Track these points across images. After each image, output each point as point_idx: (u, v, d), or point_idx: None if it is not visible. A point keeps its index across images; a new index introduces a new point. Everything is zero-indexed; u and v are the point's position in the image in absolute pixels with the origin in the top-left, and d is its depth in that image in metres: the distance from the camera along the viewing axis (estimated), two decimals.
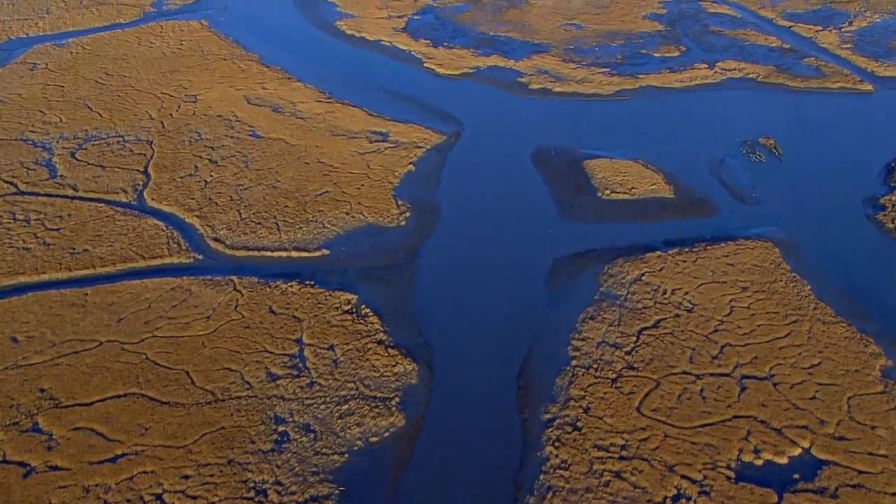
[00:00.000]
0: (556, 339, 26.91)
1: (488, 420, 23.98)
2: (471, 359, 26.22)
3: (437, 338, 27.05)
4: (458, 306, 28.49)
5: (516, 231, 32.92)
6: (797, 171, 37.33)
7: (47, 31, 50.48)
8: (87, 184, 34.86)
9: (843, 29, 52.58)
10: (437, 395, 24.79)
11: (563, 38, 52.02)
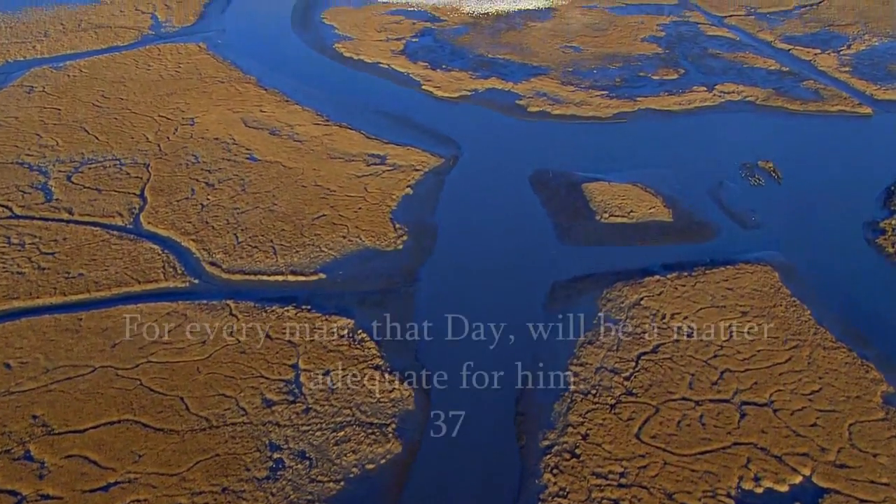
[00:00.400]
0: (554, 363, 26.89)
1: (486, 446, 23.91)
2: (468, 384, 26.16)
3: (435, 362, 27.02)
4: (456, 330, 28.48)
5: (514, 254, 32.97)
6: (796, 194, 37.47)
7: (45, 54, 50.83)
8: (83, 207, 34.98)
9: (842, 52, 52.99)
10: (434, 421, 24.74)
11: (562, 60, 52.40)
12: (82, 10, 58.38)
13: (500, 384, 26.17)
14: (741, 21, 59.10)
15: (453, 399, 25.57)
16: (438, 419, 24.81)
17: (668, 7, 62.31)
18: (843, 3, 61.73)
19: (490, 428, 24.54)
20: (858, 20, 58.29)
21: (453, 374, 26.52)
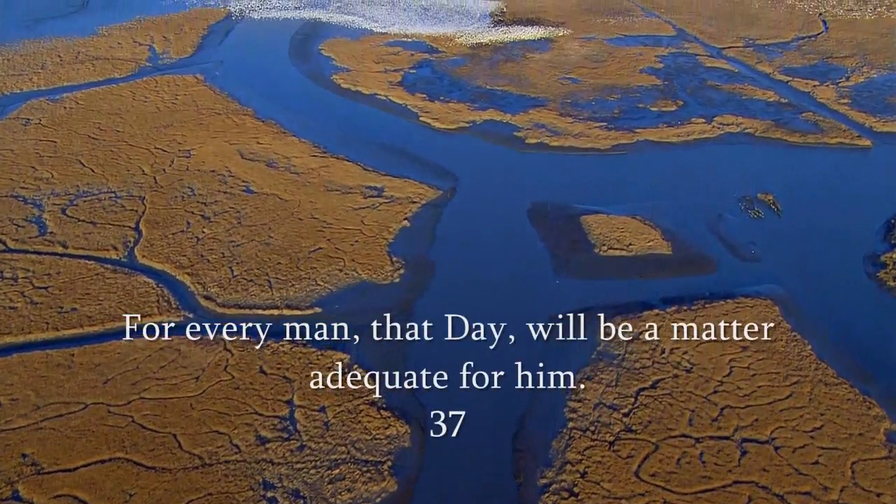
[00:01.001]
0: (552, 399, 26.85)
1: (483, 484, 23.80)
2: (465, 420, 26.10)
3: (431, 398, 26.99)
4: (453, 365, 28.46)
5: (512, 288, 33.05)
6: (796, 227, 37.66)
7: (42, 86, 51.28)
8: (77, 241, 35.12)
9: (841, 84, 53.53)
10: (431, 458, 24.66)
11: (560, 91, 52.89)
12: (80, 42, 58.95)
13: (498, 419, 26.12)
14: (740, 53, 59.73)
15: (450, 434, 25.51)
16: (434, 456, 24.74)
17: (667, 39, 63.00)
18: (841, 35, 62.42)
19: (487, 464, 24.46)
20: (857, 52, 58.95)
21: (450, 409, 26.49)
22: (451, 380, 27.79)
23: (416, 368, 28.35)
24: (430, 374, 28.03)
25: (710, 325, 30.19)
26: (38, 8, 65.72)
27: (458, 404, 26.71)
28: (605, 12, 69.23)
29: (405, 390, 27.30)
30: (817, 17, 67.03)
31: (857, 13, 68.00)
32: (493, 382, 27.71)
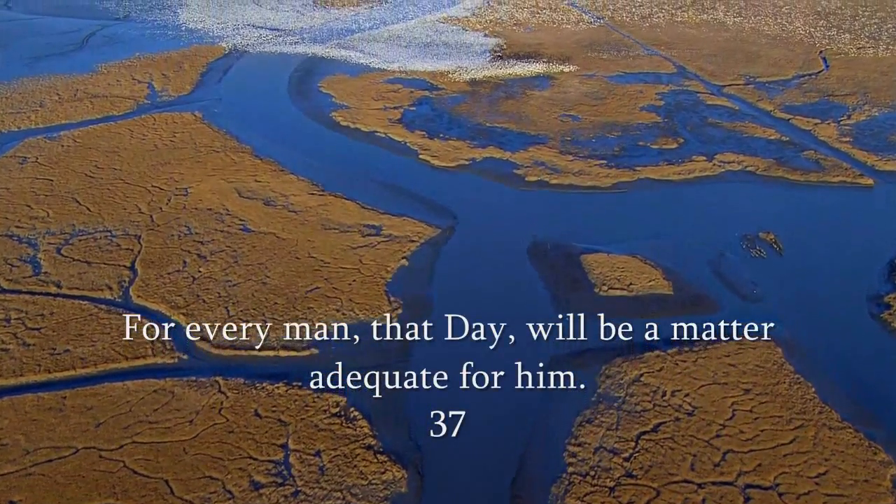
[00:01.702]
0: (551, 443, 26.74)
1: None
2: (463, 464, 25.99)
3: (429, 442, 26.89)
4: (451, 408, 28.39)
5: (511, 328, 33.05)
6: (798, 266, 37.75)
7: (40, 124, 51.77)
8: (72, 281, 35.24)
9: (842, 122, 53.99)
10: (428, 502, 24.55)
11: (561, 129, 53.32)
12: (79, 79, 59.63)
13: (496, 464, 26.00)
14: (740, 90, 60.34)
15: (447, 480, 25.38)
16: (432, 501, 24.58)
17: (667, 76, 63.67)
18: (842, 73, 63.09)
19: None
20: (858, 90, 59.53)
21: (448, 454, 26.37)
22: (450, 422, 27.72)
23: (414, 411, 28.29)
24: (427, 417, 27.97)
25: (712, 367, 30.16)
26: (38, 46, 66.47)
27: (455, 446, 26.63)
28: (606, 49, 70.05)
29: (402, 434, 27.21)
30: (818, 55, 67.78)
31: (858, 51, 68.73)
32: (491, 423, 27.62)
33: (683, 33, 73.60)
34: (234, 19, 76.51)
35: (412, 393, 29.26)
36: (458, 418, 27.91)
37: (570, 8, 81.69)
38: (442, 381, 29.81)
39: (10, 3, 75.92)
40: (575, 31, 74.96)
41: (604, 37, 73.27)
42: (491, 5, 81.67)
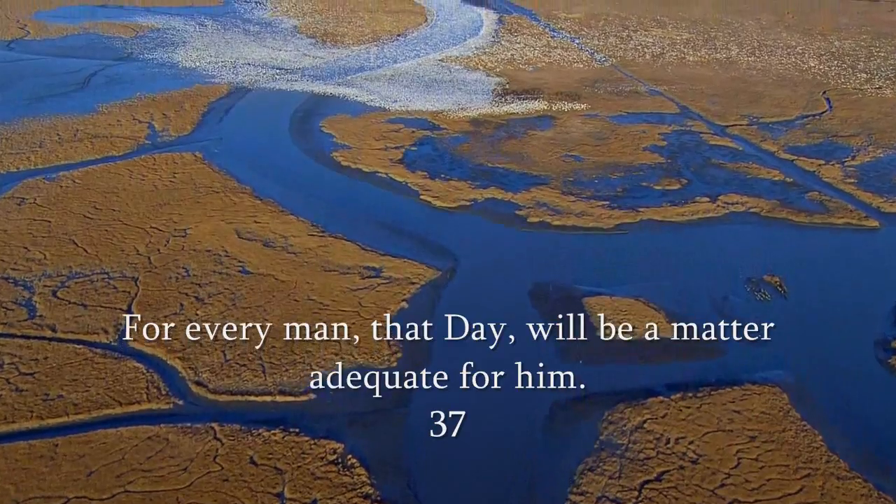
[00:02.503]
0: (553, 492, 26.51)
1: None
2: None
3: (427, 490, 26.68)
4: (450, 455, 28.22)
5: (511, 372, 32.97)
6: (804, 310, 37.70)
7: (39, 164, 52.16)
8: (67, 324, 35.24)
9: (847, 163, 54.25)
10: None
11: (563, 169, 53.61)
12: (79, 119, 60.22)
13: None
14: (744, 131, 60.76)
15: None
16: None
17: (670, 116, 64.18)
18: (846, 114, 63.56)
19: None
20: (862, 131, 59.91)
21: (448, 496, 26.18)
22: (449, 469, 27.51)
23: (412, 458, 28.12)
24: (426, 465, 27.79)
25: (717, 413, 29.98)
26: (39, 86, 67.25)
27: (456, 495, 26.41)
28: (609, 89, 70.69)
29: (401, 482, 27.01)
30: (821, 95, 68.33)
31: (861, 92, 69.29)
32: (491, 470, 27.42)
33: (686, 73, 74.34)
34: (237, 58, 77.47)
35: (411, 440, 29.08)
36: (458, 462, 27.74)
37: (575, 47, 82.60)
38: (442, 428, 29.63)
39: (13, 44, 76.85)
40: (578, 71, 75.75)
41: (607, 76, 74.01)
42: (494, 45, 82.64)
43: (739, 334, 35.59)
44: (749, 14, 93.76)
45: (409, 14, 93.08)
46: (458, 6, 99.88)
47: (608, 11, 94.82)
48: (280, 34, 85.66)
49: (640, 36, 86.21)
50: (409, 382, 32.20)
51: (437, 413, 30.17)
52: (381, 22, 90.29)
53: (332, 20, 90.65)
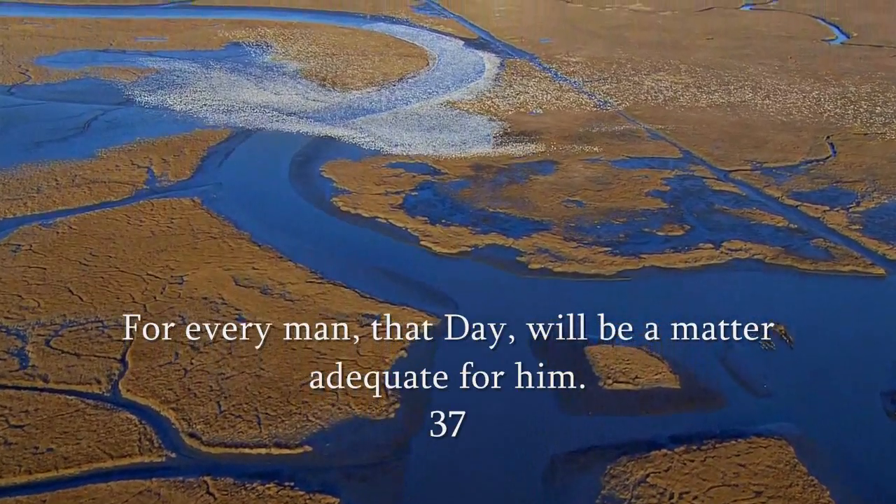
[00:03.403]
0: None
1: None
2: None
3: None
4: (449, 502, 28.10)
5: (511, 424, 32.81)
6: (810, 360, 37.55)
7: (36, 210, 52.41)
8: (60, 374, 35.15)
9: (851, 209, 54.36)
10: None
11: (564, 215, 53.76)
12: (77, 164, 60.64)
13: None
14: (747, 176, 61.01)
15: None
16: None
17: (673, 161, 64.50)
18: (850, 159, 63.89)
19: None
20: (866, 177, 60.14)
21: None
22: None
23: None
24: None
25: (722, 467, 29.71)
26: (39, 131, 67.87)
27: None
28: (610, 133, 71.20)
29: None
30: (825, 140, 68.73)
31: (865, 138, 69.73)
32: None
33: (689, 117, 74.95)
34: (238, 102, 78.29)
35: (410, 494, 28.84)
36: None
37: (576, 91, 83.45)
38: (441, 480, 29.46)
39: (14, 89, 77.81)
40: (580, 115, 76.40)
41: (609, 120, 74.62)
42: (497, 88, 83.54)
43: (744, 384, 35.38)
44: (752, 59, 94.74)
45: (412, 58, 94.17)
46: (460, 50, 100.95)
47: (610, 55, 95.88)
48: (282, 78, 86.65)
49: (643, 80, 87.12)
50: (407, 434, 32.02)
51: (439, 468, 30.00)
52: (383, 65, 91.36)
53: (335, 64, 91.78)
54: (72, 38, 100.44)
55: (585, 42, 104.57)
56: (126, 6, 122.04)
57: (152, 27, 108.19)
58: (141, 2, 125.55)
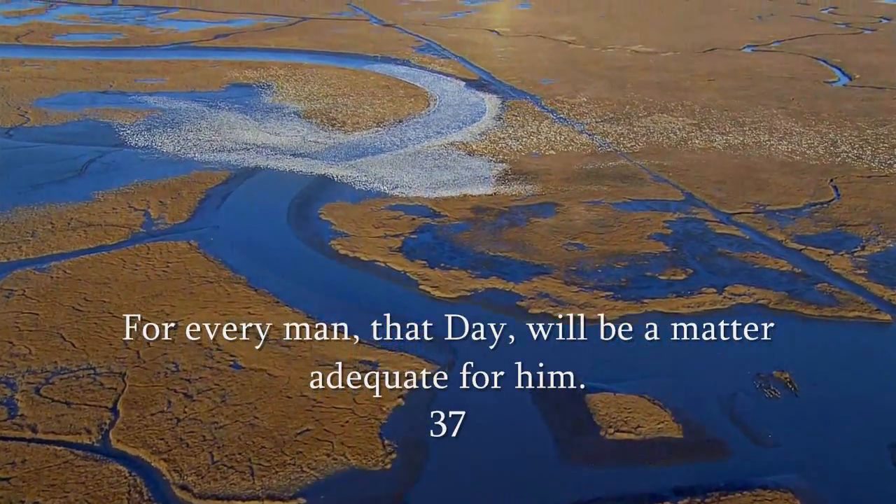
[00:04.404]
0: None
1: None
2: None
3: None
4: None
5: (512, 475, 32.47)
6: (816, 409, 37.23)
7: (30, 255, 52.39)
8: (49, 423, 34.87)
9: (856, 253, 54.26)
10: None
11: (565, 259, 53.68)
12: (74, 207, 60.75)
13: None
14: (750, 219, 61.01)
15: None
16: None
17: (675, 203, 64.56)
18: (854, 202, 63.91)
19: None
20: (871, 221, 60.10)
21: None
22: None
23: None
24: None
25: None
26: (36, 174, 68.10)
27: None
28: (612, 175, 71.37)
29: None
30: (828, 182, 68.86)
31: (869, 181, 69.89)
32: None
33: (691, 159, 75.22)
34: (238, 143, 78.68)
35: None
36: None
37: (578, 132, 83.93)
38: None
39: (12, 131, 78.38)
40: (581, 156, 76.68)
41: (610, 162, 74.88)
42: (498, 130, 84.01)
43: (749, 434, 35.03)
44: (754, 101, 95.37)
45: (413, 98, 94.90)
46: (461, 90, 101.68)
47: (612, 96, 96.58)
48: (282, 118, 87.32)
49: (644, 121, 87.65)
50: (404, 486, 31.69)
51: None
52: (384, 107, 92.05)
53: (336, 105, 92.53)
54: (72, 79, 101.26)
55: (587, 83, 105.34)
56: (127, 48, 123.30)
57: (153, 68, 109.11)
58: (142, 43, 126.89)
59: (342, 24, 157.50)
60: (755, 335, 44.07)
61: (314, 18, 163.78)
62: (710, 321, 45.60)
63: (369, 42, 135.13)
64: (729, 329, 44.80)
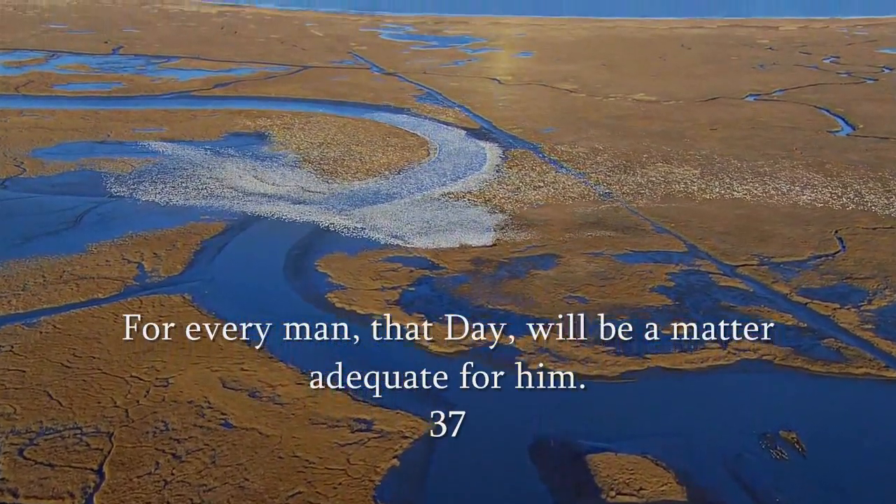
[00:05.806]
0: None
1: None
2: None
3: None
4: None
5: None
6: (824, 471, 36.62)
7: (20, 309, 52.13)
8: (31, 488, 34.28)
9: (863, 308, 53.87)
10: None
11: (566, 312, 53.30)
12: (66, 260, 60.60)
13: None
14: (754, 271, 60.77)
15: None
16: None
17: (677, 255, 64.39)
18: (860, 255, 63.70)
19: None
20: (877, 273, 59.83)
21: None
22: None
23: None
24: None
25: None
26: (29, 225, 68.13)
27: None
28: (613, 226, 71.31)
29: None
30: (833, 234, 68.72)
31: (875, 232, 69.76)
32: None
33: (694, 210, 75.24)
34: (235, 193, 78.90)
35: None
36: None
37: (579, 182, 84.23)
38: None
39: (7, 182, 78.77)
40: (582, 207, 76.77)
41: (612, 213, 74.90)
42: (498, 180, 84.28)
43: (755, 497, 34.38)
44: (757, 150, 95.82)
45: (413, 148, 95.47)
46: (462, 139, 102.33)
47: (613, 146, 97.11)
48: (281, 168, 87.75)
49: (646, 171, 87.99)
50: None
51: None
52: (384, 155, 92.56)
53: (335, 154, 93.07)
54: (70, 129, 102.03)
55: (588, 132, 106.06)
56: (127, 97, 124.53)
57: (151, 118, 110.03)
58: (142, 92, 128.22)
59: (343, 73, 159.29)
60: (760, 392, 43.55)
61: (315, 67, 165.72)
62: (714, 377, 45.13)
63: (370, 90, 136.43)
64: (733, 386, 44.31)
